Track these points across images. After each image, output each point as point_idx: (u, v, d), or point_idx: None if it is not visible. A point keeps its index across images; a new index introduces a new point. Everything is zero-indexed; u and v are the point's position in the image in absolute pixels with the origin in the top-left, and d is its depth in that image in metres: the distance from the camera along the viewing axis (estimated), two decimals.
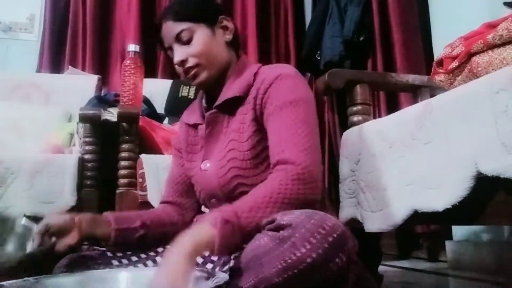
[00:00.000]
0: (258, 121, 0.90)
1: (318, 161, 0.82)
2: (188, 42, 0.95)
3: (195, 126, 1.03)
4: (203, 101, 1.04)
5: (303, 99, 0.87)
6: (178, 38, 0.95)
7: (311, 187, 0.78)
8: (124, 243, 0.94)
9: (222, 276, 0.67)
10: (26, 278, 0.78)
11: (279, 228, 0.67)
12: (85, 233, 0.89)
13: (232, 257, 0.82)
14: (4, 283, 0.76)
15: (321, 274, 0.62)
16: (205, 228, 0.70)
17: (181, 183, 1.07)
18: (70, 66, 2.48)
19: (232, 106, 0.94)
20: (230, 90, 0.95)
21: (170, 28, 0.96)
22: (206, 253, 0.79)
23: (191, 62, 0.94)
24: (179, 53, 0.95)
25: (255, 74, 0.95)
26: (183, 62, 0.95)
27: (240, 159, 0.89)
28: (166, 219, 1.02)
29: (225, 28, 1.00)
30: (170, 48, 0.98)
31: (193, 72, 0.95)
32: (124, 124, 1.64)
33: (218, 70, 0.97)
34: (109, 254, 0.95)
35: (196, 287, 0.69)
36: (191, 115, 1.06)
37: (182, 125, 1.09)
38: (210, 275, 0.71)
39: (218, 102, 0.96)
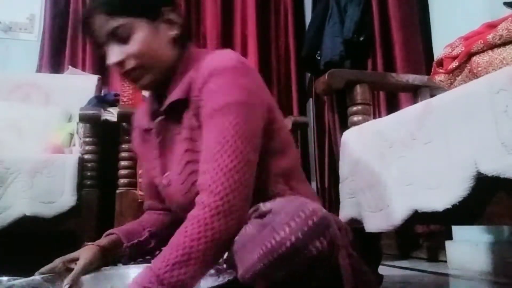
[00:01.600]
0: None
1: (243, 185, 0.72)
2: (125, 40, 0.81)
3: (148, 131, 0.93)
4: (154, 102, 0.92)
5: (236, 102, 0.76)
6: (113, 35, 0.81)
7: (233, 218, 0.70)
8: (139, 255, 0.94)
9: (229, 274, 0.68)
10: (34, 277, 0.79)
11: (262, 215, 0.67)
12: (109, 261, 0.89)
13: None
14: (14, 282, 0.76)
15: (301, 258, 0.61)
16: None
17: (156, 185, 0.98)
18: (70, 66, 2.48)
19: (178, 109, 0.84)
20: (173, 93, 0.84)
21: (103, 23, 0.81)
22: None
23: (130, 64, 0.82)
24: (115, 53, 0.81)
25: (196, 69, 0.83)
26: (120, 64, 0.82)
27: None
28: (166, 221, 1.00)
29: (170, 22, 0.86)
30: (103, 45, 0.84)
31: (133, 75, 0.83)
32: (124, 124, 1.64)
33: (163, 71, 0.85)
34: None
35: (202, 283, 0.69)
36: (142, 118, 0.96)
37: (135, 130, 1.00)
38: (220, 272, 0.72)
39: (164, 107, 0.86)
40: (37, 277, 0.80)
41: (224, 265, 0.81)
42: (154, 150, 0.91)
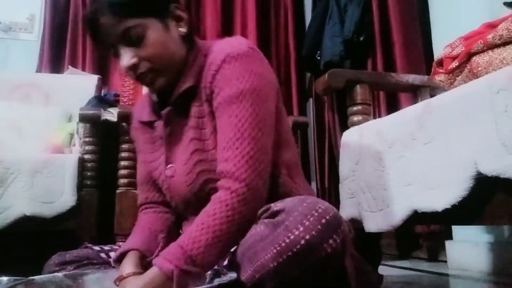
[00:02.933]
0: (214, 113, 0.80)
1: (263, 172, 0.74)
2: (138, 41, 0.77)
3: (149, 123, 0.91)
4: (154, 95, 0.91)
5: (251, 89, 0.76)
6: (124, 38, 0.77)
7: (256, 203, 0.73)
8: None
9: (230, 276, 0.68)
10: (55, 274, 0.79)
11: (273, 214, 0.67)
12: None
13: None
14: (35, 277, 0.76)
15: (316, 256, 0.62)
16: (159, 278, 0.66)
17: (154, 181, 0.95)
18: (70, 66, 2.48)
19: (187, 99, 0.83)
20: (183, 83, 0.83)
21: (112, 25, 0.77)
22: None
23: (144, 67, 0.79)
24: (128, 56, 0.78)
25: (206, 56, 0.82)
26: (133, 67, 0.79)
27: (209, 160, 0.80)
28: (170, 220, 0.95)
29: (178, 18, 0.84)
30: (113, 47, 0.80)
31: (148, 79, 0.81)
32: (124, 124, 1.64)
33: (176, 71, 0.83)
34: (102, 255, 0.93)
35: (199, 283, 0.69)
36: (142, 111, 0.94)
37: (135, 123, 0.97)
38: (218, 273, 0.72)
39: (173, 97, 0.84)
40: (58, 274, 0.80)
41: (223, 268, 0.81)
42: (157, 141, 0.90)
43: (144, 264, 0.81)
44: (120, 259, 0.82)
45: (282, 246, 0.62)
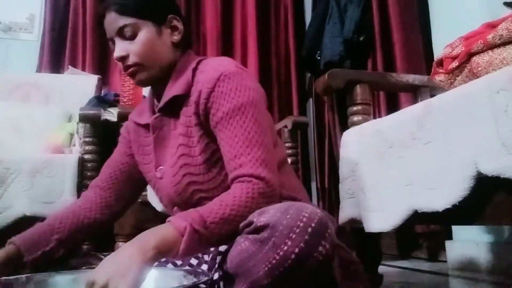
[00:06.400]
0: (203, 125, 0.86)
1: (276, 171, 0.80)
2: (131, 38, 0.88)
3: (146, 126, 0.97)
4: (154, 99, 0.97)
5: (250, 101, 0.82)
6: (120, 32, 0.89)
7: (272, 201, 0.76)
8: (47, 264, 0.91)
9: (204, 278, 0.68)
10: (19, 276, 0.78)
11: (257, 230, 0.66)
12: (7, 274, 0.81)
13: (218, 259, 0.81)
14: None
15: (308, 267, 0.63)
16: (170, 231, 0.68)
17: (119, 171, 1.03)
18: (70, 66, 2.48)
19: (176, 106, 0.90)
20: (171, 91, 0.90)
21: (113, 20, 0.89)
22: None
23: (131, 61, 0.89)
24: (120, 48, 0.89)
25: (194, 70, 0.89)
26: (123, 58, 0.89)
27: (193, 165, 0.86)
28: (84, 219, 0.98)
29: (174, 28, 0.93)
30: (112, 40, 0.91)
31: (131, 70, 0.90)
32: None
33: (159, 71, 0.91)
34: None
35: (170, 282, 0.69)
36: (142, 113, 1.00)
37: (131, 123, 1.03)
38: (196, 275, 0.72)
39: (161, 104, 0.91)
40: (22, 276, 0.78)
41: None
42: (151, 144, 0.95)
43: (16, 258, 0.88)
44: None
45: (273, 263, 0.63)
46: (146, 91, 1.88)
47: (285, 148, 1.02)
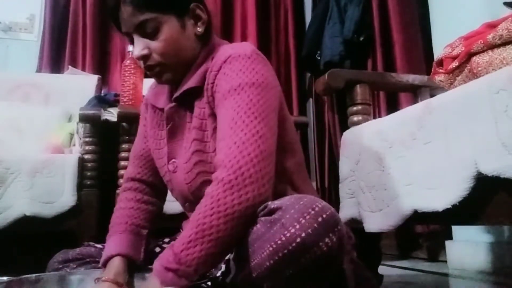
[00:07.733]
0: (216, 116, 0.80)
1: (255, 157, 0.70)
2: (152, 35, 0.80)
3: (162, 110, 0.91)
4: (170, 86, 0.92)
5: (250, 82, 0.75)
6: (139, 29, 0.80)
7: (247, 191, 0.68)
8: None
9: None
10: (28, 275, 0.79)
11: (271, 212, 0.66)
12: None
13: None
14: (5, 278, 0.76)
15: (311, 255, 0.61)
16: (153, 283, 0.67)
17: (148, 159, 0.97)
18: (70, 66, 2.47)
19: (192, 98, 0.85)
20: (188, 82, 0.84)
21: (131, 14, 0.80)
22: None
23: (154, 60, 0.82)
24: (140, 46, 0.81)
25: (213, 58, 0.83)
26: (144, 58, 0.82)
27: (208, 162, 0.81)
28: (150, 217, 0.95)
29: (197, 18, 0.85)
30: (128, 34, 0.83)
31: (155, 71, 0.83)
32: (124, 124, 1.64)
33: (184, 68, 0.85)
34: None
35: None
36: (159, 95, 0.94)
37: (148, 105, 0.97)
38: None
39: (177, 94, 0.85)
40: (32, 275, 0.80)
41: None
42: (164, 129, 0.91)
43: (130, 266, 0.83)
44: (106, 262, 0.83)
45: (278, 244, 0.62)
46: (146, 91, 1.87)
47: (302, 154, 0.95)
